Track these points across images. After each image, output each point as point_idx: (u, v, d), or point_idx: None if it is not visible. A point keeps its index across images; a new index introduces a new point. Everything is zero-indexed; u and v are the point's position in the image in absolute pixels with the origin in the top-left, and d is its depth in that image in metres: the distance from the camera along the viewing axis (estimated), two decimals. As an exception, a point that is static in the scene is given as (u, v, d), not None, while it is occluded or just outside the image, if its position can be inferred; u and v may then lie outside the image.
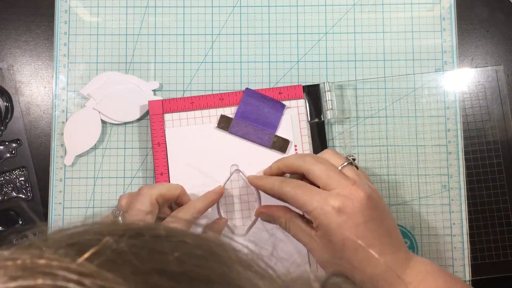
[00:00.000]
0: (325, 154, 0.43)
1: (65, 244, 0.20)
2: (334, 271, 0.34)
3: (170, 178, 0.49)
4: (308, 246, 0.42)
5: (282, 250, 0.48)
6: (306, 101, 0.51)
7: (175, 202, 0.47)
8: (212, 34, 0.53)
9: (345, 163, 0.42)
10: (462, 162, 0.51)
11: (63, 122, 0.52)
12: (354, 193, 0.40)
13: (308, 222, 0.42)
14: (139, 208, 0.42)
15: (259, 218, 0.49)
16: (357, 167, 0.43)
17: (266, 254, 0.44)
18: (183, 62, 0.53)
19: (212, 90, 0.52)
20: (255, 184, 0.46)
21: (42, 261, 0.19)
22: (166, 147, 0.50)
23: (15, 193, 0.51)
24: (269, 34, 0.53)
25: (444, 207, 0.51)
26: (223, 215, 0.49)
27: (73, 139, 0.51)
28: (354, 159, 0.43)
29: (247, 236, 0.49)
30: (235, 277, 0.21)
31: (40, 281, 0.18)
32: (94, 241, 0.20)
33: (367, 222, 0.39)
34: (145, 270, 0.19)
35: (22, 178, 0.52)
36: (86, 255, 0.19)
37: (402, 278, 0.40)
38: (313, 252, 0.41)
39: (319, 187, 0.41)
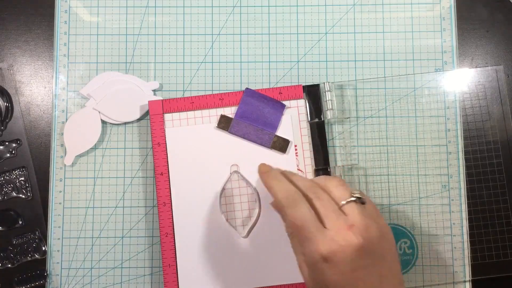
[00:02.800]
0: (331, 182, 0.41)
1: None
2: None
3: (170, 178, 0.49)
4: (300, 268, 0.40)
5: (281, 249, 0.49)
6: (306, 101, 0.51)
7: None
8: (212, 34, 0.53)
9: (347, 200, 0.39)
10: (462, 162, 0.51)
11: (63, 122, 0.52)
12: (348, 239, 0.37)
13: None
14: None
15: (259, 219, 0.49)
16: (363, 203, 0.40)
17: (266, 255, 0.45)
18: (183, 62, 0.53)
19: (212, 90, 0.52)
20: (266, 183, 0.43)
21: None
22: (166, 147, 0.50)
23: (15, 193, 0.51)
24: (269, 34, 0.53)
25: (444, 207, 0.51)
26: (223, 215, 0.49)
27: (73, 139, 0.51)
28: (359, 197, 0.40)
29: (246, 235, 0.49)
30: None
31: None
32: None
33: (355, 271, 0.37)
34: None
35: (22, 178, 0.52)
36: None
37: None
38: (302, 274, 0.40)
39: None
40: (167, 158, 0.50)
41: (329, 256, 0.37)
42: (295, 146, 0.50)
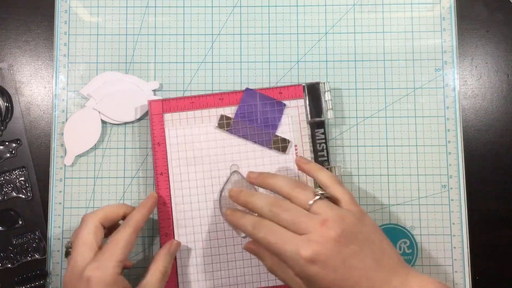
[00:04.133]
0: (293, 190, 0.41)
1: None
2: None
3: (170, 178, 0.49)
4: (294, 285, 0.40)
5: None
6: (306, 101, 0.51)
7: (124, 219, 0.46)
8: (212, 34, 0.53)
9: (314, 200, 0.40)
10: (462, 162, 0.51)
11: (63, 122, 0.52)
12: (325, 235, 0.37)
13: None
14: (84, 235, 0.42)
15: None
16: (328, 197, 0.41)
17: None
18: (183, 62, 0.53)
19: (212, 90, 0.52)
20: (229, 220, 0.46)
21: None
22: (166, 147, 0.50)
23: (15, 193, 0.51)
24: (269, 34, 0.53)
25: (444, 207, 0.51)
26: (222, 214, 0.49)
27: (73, 139, 0.51)
28: (322, 193, 0.41)
29: (247, 238, 0.49)
30: None
31: None
32: None
33: (346, 261, 0.37)
34: None
35: (22, 178, 0.52)
36: None
37: None
38: None
39: None
40: (167, 158, 0.50)
41: (314, 256, 0.37)
42: (295, 146, 0.50)
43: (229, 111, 0.50)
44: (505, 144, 0.52)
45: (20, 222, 0.51)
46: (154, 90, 0.52)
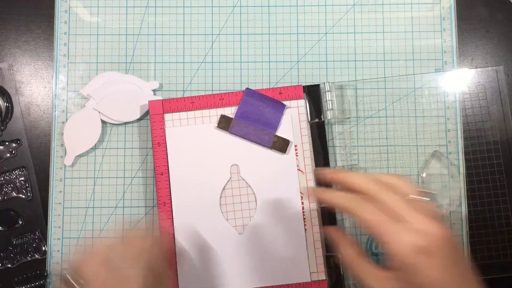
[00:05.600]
0: (392, 178, 0.38)
1: None
2: None
3: (170, 178, 0.49)
4: (372, 278, 0.36)
5: (280, 249, 0.49)
6: (306, 101, 0.51)
7: None
8: (212, 34, 0.53)
9: (419, 192, 0.36)
10: (462, 162, 0.51)
11: (63, 122, 0.52)
12: (435, 230, 0.34)
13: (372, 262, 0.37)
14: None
15: (256, 218, 0.49)
16: (429, 199, 0.37)
17: (266, 255, 0.44)
18: (183, 62, 0.53)
19: (212, 90, 0.52)
20: (320, 197, 0.41)
21: None
22: (166, 147, 0.50)
23: (15, 193, 0.51)
24: (269, 34, 0.53)
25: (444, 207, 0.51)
26: (223, 215, 0.49)
27: (73, 139, 0.51)
28: (425, 192, 0.37)
29: (246, 235, 0.49)
30: None
31: None
32: None
33: (455, 268, 0.34)
34: None
35: (22, 178, 0.52)
36: None
37: None
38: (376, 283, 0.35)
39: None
40: (167, 158, 0.50)
41: (428, 246, 0.33)
42: (295, 146, 0.50)
43: (229, 111, 0.50)
44: (505, 144, 0.52)
45: (20, 222, 0.51)
46: (154, 90, 0.52)
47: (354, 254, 0.38)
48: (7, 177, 0.52)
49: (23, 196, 0.51)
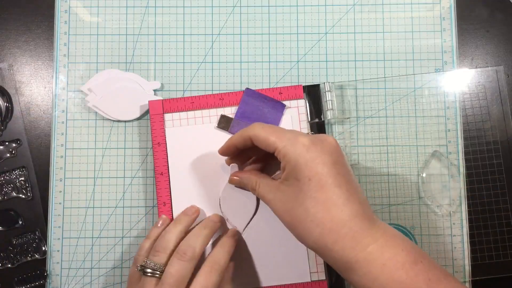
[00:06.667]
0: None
1: None
2: None
3: (170, 178, 0.49)
4: (272, 203, 0.40)
5: (280, 249, 0.49)
6: (306, 101, 0.51)
7: None
8: (212, 34, 0.53)
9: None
10: (462, 162, 0.51)
11: (63, 122, 0.52)
12: (322, 137, 0.40)
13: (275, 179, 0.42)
14: None
15: (256, 218, 0.49)
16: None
17: (267, 255, 0.45)
18: (183, 62, 0.53)
19: (212, 90, 0.52)
20: (224, 151, 0.45)
21: None
22: (166, 147, 0.50)
23: (15, 193, 0.51)
24: (269, 34, 0.53)
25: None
26: (223, 215, 0.49)
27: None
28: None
29: (244, 234, 0.49)
30: None
31: None
32: None
33: (335, 164, 0.38)
34: None
35: (22, 178, 0.52)
36: None
37: (368, 229, 0.37)
38: (276, 207, 0.40)
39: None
40: (167, 158, 0.50)
41: (311, 145, 0.38)
42: (295, 146, 0.50)
43: (229, 111, 0.50)
44: (505, 144, 0.52)
45: (20, 222, 0.51)
46: (155, 90, 0.52)
47: (259, 176, 0.44)
48: (7, 177, 0.52)
49: (23, 196, 0.51)
